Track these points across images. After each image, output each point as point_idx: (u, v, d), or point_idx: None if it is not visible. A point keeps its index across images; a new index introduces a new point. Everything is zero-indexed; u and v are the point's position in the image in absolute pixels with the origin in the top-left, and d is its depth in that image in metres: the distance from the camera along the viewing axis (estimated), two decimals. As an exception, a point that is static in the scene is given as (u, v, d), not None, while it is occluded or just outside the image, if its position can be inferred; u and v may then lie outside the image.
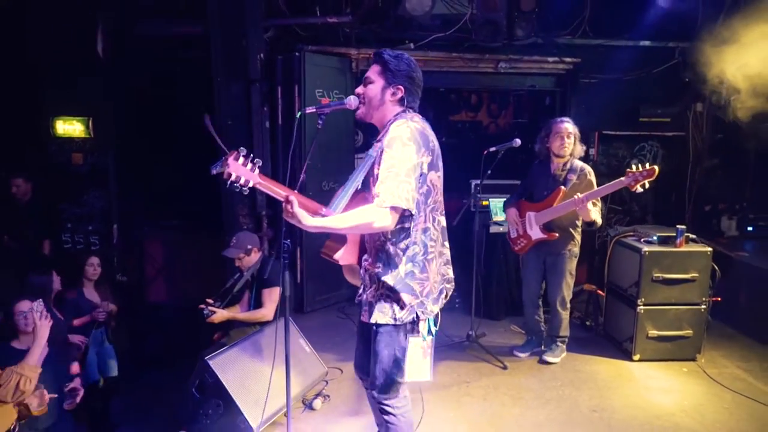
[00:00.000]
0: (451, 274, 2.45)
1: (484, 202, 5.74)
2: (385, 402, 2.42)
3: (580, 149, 4.02)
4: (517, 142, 4.16)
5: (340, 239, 2.44)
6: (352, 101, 2.44)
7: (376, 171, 2.27)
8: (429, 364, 2.40)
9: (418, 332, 2.32)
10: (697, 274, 4.14)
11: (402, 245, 2.27)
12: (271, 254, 4.59)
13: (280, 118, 5.18)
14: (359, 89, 2.43)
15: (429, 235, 2.30)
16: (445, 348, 4.47)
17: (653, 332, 4.20)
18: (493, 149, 4.22)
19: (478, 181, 5.79)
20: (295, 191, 2.17)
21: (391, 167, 2.13)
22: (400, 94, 2.35)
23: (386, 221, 2.12)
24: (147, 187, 5.76)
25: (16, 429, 2.93)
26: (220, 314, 3.80)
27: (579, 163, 4.01)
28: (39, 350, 2.96)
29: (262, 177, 2.09)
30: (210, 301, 3.88)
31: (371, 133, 6.78)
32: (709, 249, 4.18)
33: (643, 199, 6.39)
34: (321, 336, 4.52)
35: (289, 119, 5.17)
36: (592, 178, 3.97)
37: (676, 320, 4.20)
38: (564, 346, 4.29)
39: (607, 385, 3.92)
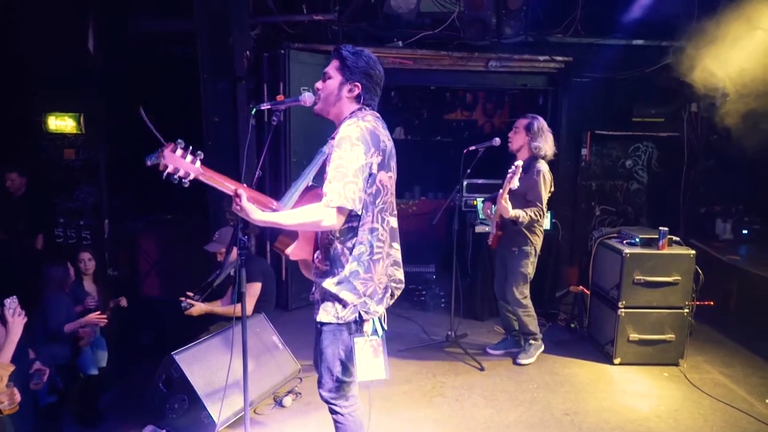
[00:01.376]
0: (399, 275, 2.41)
1: (474, 202, 5.72)
2: (332, 401, 2.40)
3: (541, 147, 3.94)
4: (497, 141, 4.13)
5: (292, 235, 2.42)
6: (306, 98, 2.42)
7: (328, 168, 2.26)
8: (383, 362, 2.35)
9: (363, 332, 2.29)
10: (679, 278, 4.07)
11: (349, 244, 2.25)
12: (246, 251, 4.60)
13: (266, 116, 5.19)
14: (318, 84, 2.40)
15: (376, 235, 2.27)
16: (424, 348, 4.46)
17: (634, 336, 4.14)
18: (472, 148, 4.19)
19: (466, 181, 5.82)
20: (245, 185, 2.17)
21: (338, 167, 2.12)
22: (357, 91, 2.31)
23: (332, 221, 2.12)
24: (138, 182, 5.80)
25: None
26: (198, 307, 3.82)
27: (538, 163, 3.96)
28: (12, 347, 2.98)
29: (205, 169, 2.08)
30: (190, 294, 3.91)
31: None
32: (693, 252, 4.11)
33: (637, 200, 6.32)
34: (301, 333, 4.52)
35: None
36: (539, 177, 3.92)
37: (658, 324, 4.14)
38: (538, 344, 4.25)
39: (584, 388, 3.87)
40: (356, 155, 2.13)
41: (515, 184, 3.74)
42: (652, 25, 5.41)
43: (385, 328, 2.37)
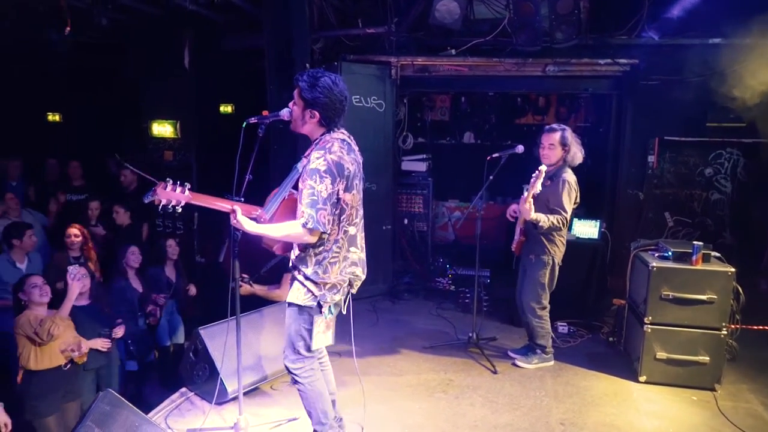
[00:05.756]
0: (358, 272, 2.85)
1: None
2: (293, 371, 2.85)
3: (573, 157, 3.91)
4: (520, 148, 4.17)
5: None
6: (285, 113, 2.84)
7: (301, 185, 2.68)
8: (330, 334, 2.92)
9: (321, 313, 2.76)
10: (715, 296, 3.79)
11: (317, 250, 2.71)
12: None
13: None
14: (290, 104, 2.78)
15: (337, 244, 2.74)
16: (447, 346, 4.60)
17: (662, 354, 3.92)
18: (495, 155, 4.26)
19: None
20: (232, 200, 2.68)
21: (311, 195, 2.58)
22: (317, 117, 2.67)
23: (309, 239, 2.63)
24: (223, 180, 6.62)
25: (68, 366, 3.76)
26: (245, 288, 4.39)
27: (565, 172, 3.92)
28: (69, 305, 3.75)
29: (193, 195, 2.67)
30: (245, 276, 4.50)
31: (422, 135, 7.00)
32: (731, 269, 3.80)
33: (718, 212, 5.81)
34: (338, 323, 4.90)
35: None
36: (564, 186, 3.88)
37: (690, 344, 3.88)
38: (544, 357, 4.20)
39: (594, 401, 3.78)
40: (325, 186, 2.58)
41: (538, 188, 3.78)
42: (732, 22, 4.97)
43: (343, 311, 2.89)
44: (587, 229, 5.19)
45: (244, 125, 2.95)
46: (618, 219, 5.71)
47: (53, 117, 9.18)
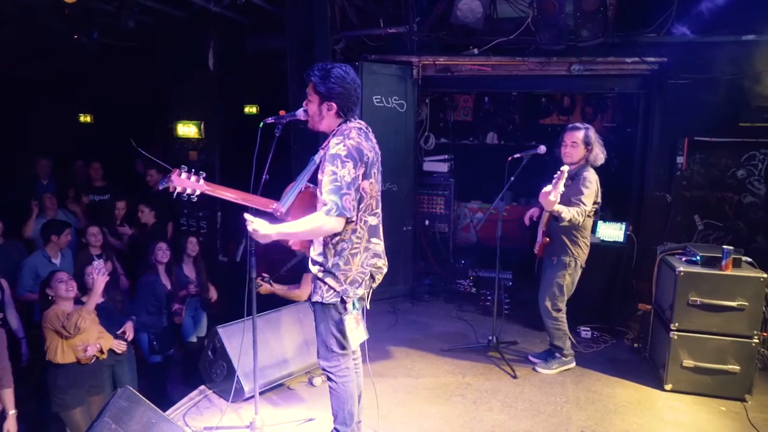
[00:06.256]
0: (380, 264, 2.80)
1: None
2: (327, 369, 2.84)
3: (596, 157, 3.82)
4: (542, 148, 4.09)
5: None
6: (301, 113, 2.84)
7: (319, 176, 2.65)
8: (363, 328, 2.85)
9: (347, 310, 2.73)
10: (746, 303, 3.65)
11: (334, 241, 2.66)
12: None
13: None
14: (305, 104, 2.78)
15: (356, 234, 2.68)
16: (466, 350, 4.54)
17: (689, 362, 3.80)
18: (517, 156, 4.19)
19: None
20: (242, 192, 2.67)
21: (334, 181, 2.53)
22: (334, 109, 2.66)
23: (335, 226, 2.54)
24: (246, 180, 6.68)
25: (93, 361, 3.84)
26: (265, 287, 4.42)
27: (586, 171, 3.83)
28: (95, 299, 3.83)
29: (208, 184, 2.63)
30: (265, 275, 4.53)
31: (444, 135, 6.95)
32: (764, 275, 3.65)
33: (751, 215, 5.60)
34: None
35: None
36: (582, 183, 3.81)
37: (719, 352, 3.74)
38: (564, 361, 4.11)
39: (617, 409, 3.67)
40: (347, 170, 2.53)
41: (560, 189, 3.68)
42: (763, 18, 4.80)
43: (367, 307, 2.85)
44: (612, 232, 5.07)
45: (261, 125, 2.97)
46: (645, 222, 5.55)
47: (85, 118, 9.44)
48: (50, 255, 4.88)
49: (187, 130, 6.60)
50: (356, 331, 2.79)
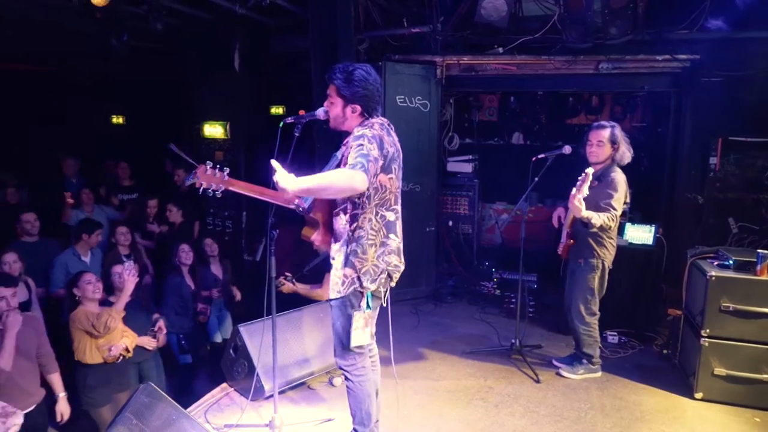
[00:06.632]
0: (396, 261, 2.77)
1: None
2: (344, 368, 2.84)
3: (622, 156, 3.72)
4: (568, 148, 4.01)
5: (314, 225, 2.89)
6: (321, 112, 2.84)
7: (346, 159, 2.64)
8: (370, 331, 2.81)
9: (360, 307, 2.71)
10: (782, 310, 3.50)
11: (351, 227, 2.67)
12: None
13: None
14: (326, 104, 2.78)
15: (371, 225, 2.67)
16: (489, 353, 4.47)
17: (720, 370, 3.66)
18: (541, 156, 4.12)
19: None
20: (266, 188, 2.69)
21: (360, 150, 2.50)
22: (358, 110, 2.66)
23: (356, 179, 2.42)
24: (269, 180, 6.74)
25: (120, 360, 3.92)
26: (287, 286, 4.45)
27: (614, 171, 3.73)
28: (125, 299, 3.90)
29: (232, 181, 2.64)
30: (288, 274, 4.56)
31: (469, 135, 6.87)
32: (801, 281, 3.49)
33: (789, 218, 5.38)
34: (378, 325, 4.87)
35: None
36: (614, 186, 3.71)
37: (752, 361, 3.60)
38: (591, 368, 4.00)
39: (644, 417, 3.56)
40: (373, 147, 2.52)
41: (585, 191, 3.61)
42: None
43: (384, 304, 2.82)
44: (641, 235, 4.93)
45: (281, 125, 2.97)
46: (675, 224, 5.39)
47: (117, 119, 9.69)
48: (80, 253, 4.99)
49: (214, 130, 6.69)
50: (361, 331, 2.75)
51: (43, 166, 7.00)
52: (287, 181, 2.39)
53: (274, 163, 2.45)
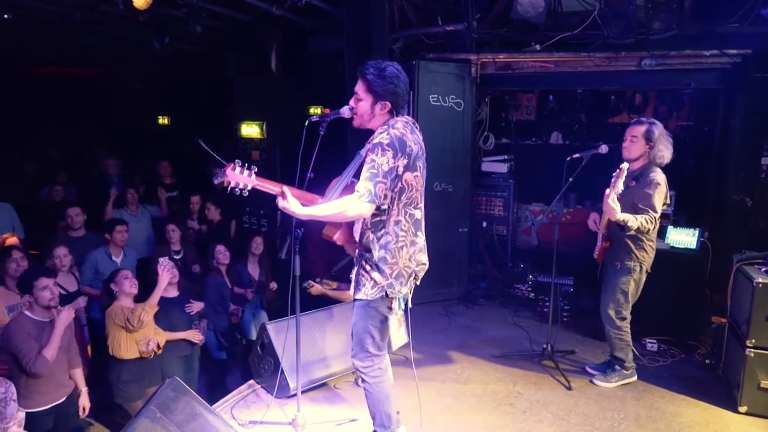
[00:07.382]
0: (423, 259, 2.77)
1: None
2: (361, 369, 2.81)
3: (663, 154, 3.56)
4: (604, 148, 3.88)
5: (336, 224, 2.88)
6: (346, 111, 2.82)
7: (364, 168, 2.63)
8: (405, 331, 2.87)
9: (392, 310, 2.72)
10: (836, 321, 3.26)
11: (378, 234, 2.66)
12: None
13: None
14: (352, 102, 2.76)
15: (400, 226, 2.66)
16: (519, 357, 4.37)
17: (767, 383, 3.45)
18: (576, 156, 3.99)
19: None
20: (291, 187, 2.68)
21: (371, 168, 2.54)
22: (388, 107, 2.64)
23: (362, 210, 2.54)
24: (302, 178, 6.81)
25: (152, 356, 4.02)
26: (316, 288, 4.48)
27: (653, 171, 3.57)
28: (159, 294, 4.00)
29: (259, 179, 2.67)
30: (318, 279, 4.60)
31: (505, 135, 6.74)
32: None
33: None
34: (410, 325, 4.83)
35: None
36: (654, 187, 3.55)
37: (803, 374, 3.38)
38: (625, 374, 3.84)
39: (682, 430, 3.39)
40: (386, 158, 2.52)
41: (620, 187, 3.46)
42: None
43: (410, 305, 2.80)
44: (684, 238, 4.70)
45: (306, 123, 2.98)
46: (721, 228, 5.11)
47: (163, 120, 10.03)
48: (112, 252, 5.01)
49: (251, 130, 6.81)
50: (398, 333, 2.80)
51: (90, 166, 7.30)
52: (293, 208, 2.52)
53: (286, 189, 2.56)
